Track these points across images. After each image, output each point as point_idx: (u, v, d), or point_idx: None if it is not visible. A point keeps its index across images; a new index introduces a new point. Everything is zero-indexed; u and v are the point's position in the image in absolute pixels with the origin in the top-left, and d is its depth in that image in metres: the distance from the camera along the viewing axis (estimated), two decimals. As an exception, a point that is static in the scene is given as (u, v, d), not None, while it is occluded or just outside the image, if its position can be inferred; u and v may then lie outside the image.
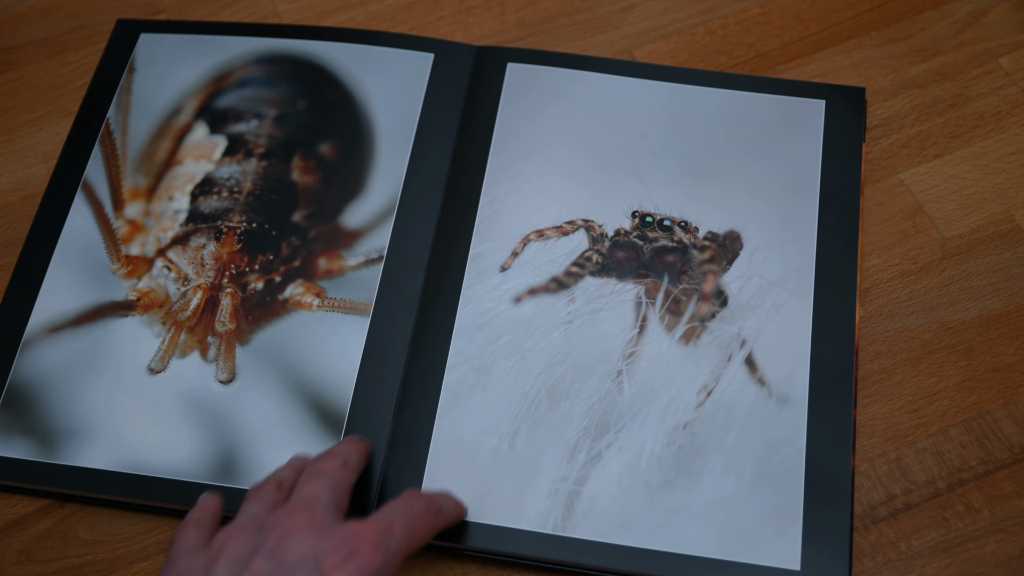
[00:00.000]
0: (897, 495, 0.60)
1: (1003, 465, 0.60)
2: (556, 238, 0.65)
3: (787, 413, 0.60)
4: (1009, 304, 0.64)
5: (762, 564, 0.57)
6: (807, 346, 0.62)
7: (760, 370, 0.61)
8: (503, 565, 0.59)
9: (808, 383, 0.61)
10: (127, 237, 0.68)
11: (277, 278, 0.66)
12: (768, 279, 0.64)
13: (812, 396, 0.60)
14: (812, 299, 0.63)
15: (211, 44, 0.74)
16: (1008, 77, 0.71)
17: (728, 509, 0.58)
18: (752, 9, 0.74)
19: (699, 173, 0.67)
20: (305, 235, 0.67)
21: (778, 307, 0.63)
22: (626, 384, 0.61)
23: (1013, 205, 0.67)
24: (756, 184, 0.66)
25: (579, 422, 0.60)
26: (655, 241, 0.64)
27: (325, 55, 0.73)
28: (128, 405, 0.63)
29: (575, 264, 0.64)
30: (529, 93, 0.70)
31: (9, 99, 0.74)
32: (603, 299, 0.63)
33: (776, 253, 0.64)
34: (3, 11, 0.76)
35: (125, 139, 0.71)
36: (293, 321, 0.65)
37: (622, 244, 0.65)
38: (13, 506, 0.62)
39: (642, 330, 0.63)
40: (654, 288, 0.64)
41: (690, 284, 0.63)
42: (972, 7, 0.73)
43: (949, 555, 0.58)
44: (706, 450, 0.59)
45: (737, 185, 0.66)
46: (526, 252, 0.65)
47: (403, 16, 0.75)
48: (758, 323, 0.62)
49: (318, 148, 0.70)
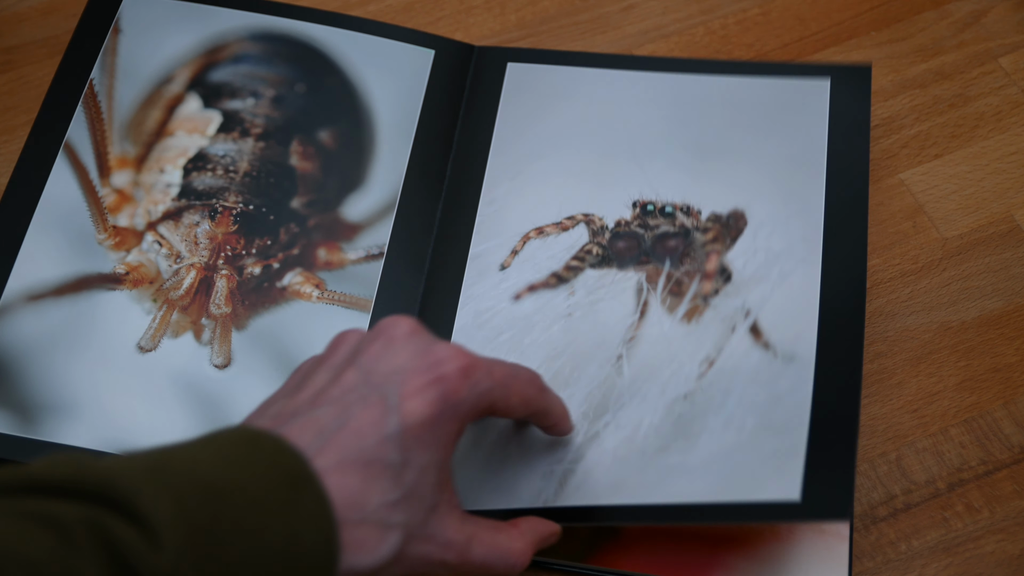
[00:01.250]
0: (897, 495, 0.60)
1: (1003, 465, 0.60)
2: (556, 234, 0.64)
3: (793, 368, 0.58)
4: (1009, 304, 0.64)
5: (759, 500, 0.54)
6: (815, 308, 0.59)
7: (765, 335, 0.59)
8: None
9: (816, 339, 0.58)
10: (114, 207, 0.65)
11: (275, 264, 0.64)
12: (774, 251, 0.62)
13: (820, 350, 0.58)
14: (820, 264, 0.61)
15: (204, 13, 0.71)
16: (1008, 77, 0.71)
17: (726, 459, 0.56)
18: (752, 9, 0.74)
19: (702, 156, 0.66)
20: (304, 223, 0.66)
21: (784, 276, 0.61)
22: (626, 367, 0.60)
23: (1013, 205, 0.67)
24: (760, 162, 0.65)
25: (577, 408, 0.59)
26: (656, 228, 0.63)
27: (324, 40, 0.71)
28: (115, 382, 0.61)
29: (575, 258, 0.64)
30: (529, 92, 0.69)
31: (9, 99, 0.73)
32: (603, 289, 0.62)
33: (782, 226, 0.62)
34: (3, 11, 0.76)
35: (111, 103, 0.68)
36: (292, 310, 0.63)
37: (623, 235, 0.64)
38: (8, 504, 0.62)
39: (643, 314, 0.61)
40: (655, 273, 0.62)
41: (692, 265, 0.62)
42: (972, 7, 0.73)
43: (949, 555, 0.58)
44: (706, 414, 0.57)
45: (741, 165, 0.65)
46: (526, 250, 0.64)
47: (403, 16, 0.75)
48: (764, 293, 0.60)
49: (317, 134, 0.69)
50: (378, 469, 0.47)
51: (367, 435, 0.47)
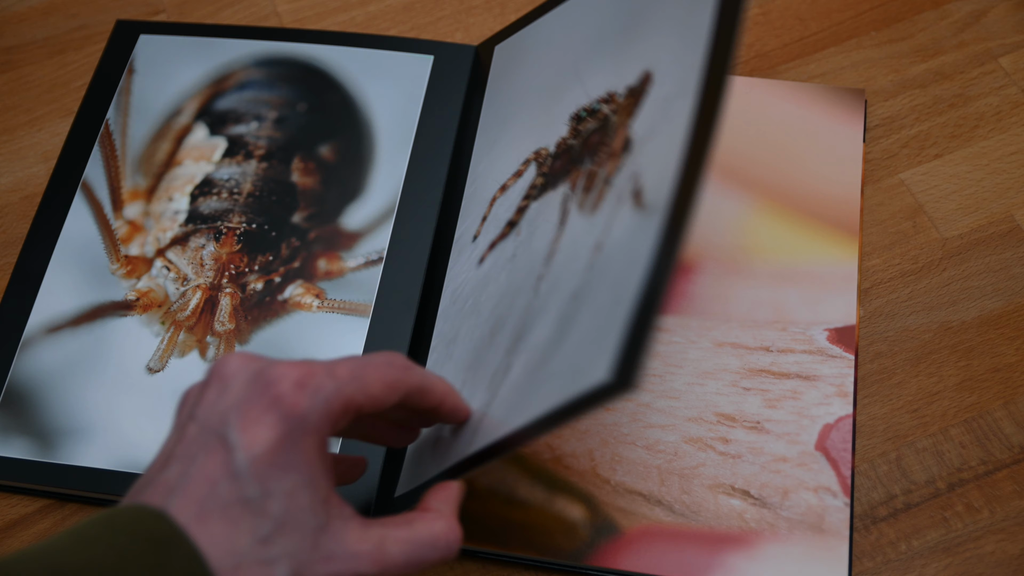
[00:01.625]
0: (897, 495, 0.60)
1: (1003, 465, 0.60)
2: (514, 184, 0.62)
3: (651, 222, 0.48)
4: (1009, 304, 0.64)
5: (578, 391, 0.47)
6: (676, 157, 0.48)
7: (644, 194, 0.50)
8: (504, 565, 0.59)
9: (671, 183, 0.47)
10: (126, 237, 0.68)
11: (277, 279, 0.66)
12: (667, 99, 0.52)
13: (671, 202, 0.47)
14: (692, 93, 0.49)
15: (211, 46, 0.74)
16: (1008, 77, 0.71)
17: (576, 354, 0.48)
18: (752, 9, 0.74)
19: (624, 41, 0.59)
20: (305, 236, 0.68)
21: (670, 119, 0.50)
22: (543, 286, 0.55)
23: (1013, 205, 0.67)
24: (670, 27, 0.54)
25: (503, 346, 0.54)
26: (585, 132, 0.58)
27: (325, 58, 0.73)
28: (127, 404, 0.63)
29: (524, 198, 0.61)
30: (504, 67, 0.69)
31: (9, 99, 0.74)
32: (540, 216, 0.58)
33: (682, 73, 0.51)
34: (3, 11, 0.76)
35: (125, 140, 0.71)
36: (293, 321, 0.65)
37: (559, 154, 0.59)
38: (13, 506, 0.62)
39: (562, 224, 0.56)
40: (576, 176, 0.56)
41: (605, 151, 0.55)
42: (972, 7, 0.73)
43: (949, 555, 0.58)
44: (581, 309, 0.50)
45: (652, 35, 0.56)
46: (492, 211, 0.62)
47: (403, 16, 0.75)
48: (653, 150, 0.51)
49: (318, 150, 0.70)
50: (239, 509, 0.44)
51: (217, 478, 0.45)
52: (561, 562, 0.59)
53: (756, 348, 0.63)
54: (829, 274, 0.65)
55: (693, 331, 0.64)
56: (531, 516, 0.59)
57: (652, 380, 0.62)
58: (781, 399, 0.61)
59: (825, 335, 0.63)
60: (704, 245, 0.66)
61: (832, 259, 0.65)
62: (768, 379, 0.62)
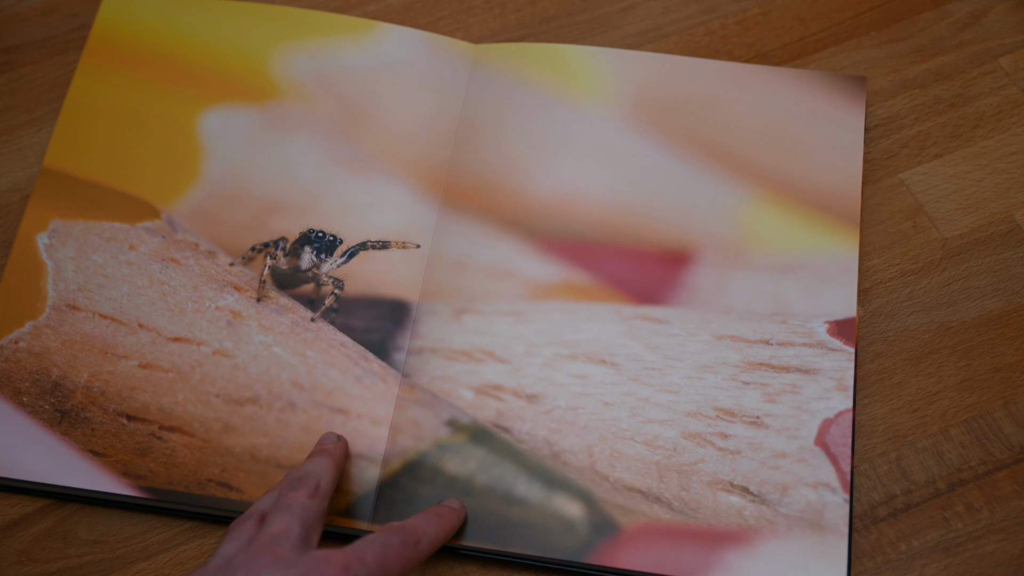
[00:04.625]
0: (897, 495, 0.60)
1: (1003, 465, 0.60)
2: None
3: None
4: (1009, 304, 0.64)
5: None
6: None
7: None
8: (503, 565, 0.59)
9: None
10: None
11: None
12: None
13: None
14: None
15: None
16: (1008, 77, 0.71)
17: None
18: (752, 9, 0.74)
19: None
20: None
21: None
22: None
23: (1013, 205, 0.67)
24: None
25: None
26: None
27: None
28: None
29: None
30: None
31: (9, 99, 0.74)
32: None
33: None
34: (3, 11, 0.76)
35: None
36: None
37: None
38: (13, 506, 0.62)
39: None
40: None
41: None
42: (972, 7, 0.73)
43: (949, 555, 0.58)
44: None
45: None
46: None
47: (403, 16, 0.75)
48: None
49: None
50: None
51: None
52: (560, 561, 0.59)
53: (756, 341, 0.63)
54: (829, 265, 0.65)
55: (693, 323, 0.64)
56: (529, 514, 0.59)
57: (651, 374, 0.62)
58: (781, 393, 0.61)
59: (825, 328, 0.63)
60: (703, 235, 0.66)
61: (833, 250, 0.65)
62: (768, 373, 0.62)
